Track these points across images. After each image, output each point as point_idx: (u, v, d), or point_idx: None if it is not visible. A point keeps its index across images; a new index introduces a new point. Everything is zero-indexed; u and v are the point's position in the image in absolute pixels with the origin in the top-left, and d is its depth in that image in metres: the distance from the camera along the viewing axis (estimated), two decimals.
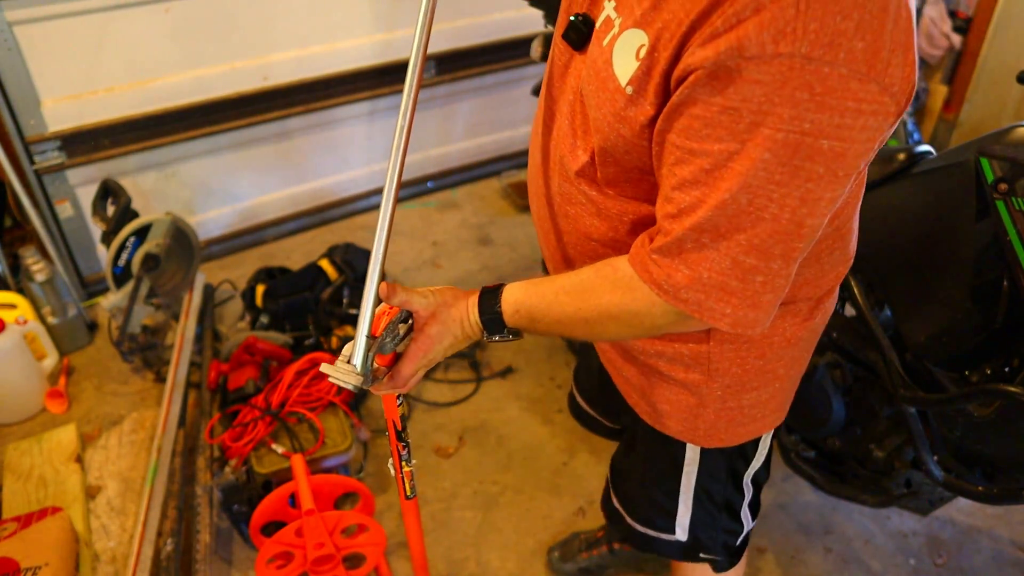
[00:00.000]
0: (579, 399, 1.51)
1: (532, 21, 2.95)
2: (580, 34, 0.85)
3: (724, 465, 1.12)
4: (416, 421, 2.19)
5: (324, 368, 0.83)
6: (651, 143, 0.74)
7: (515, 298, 0.88)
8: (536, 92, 2.22)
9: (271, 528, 1.66)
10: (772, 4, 0.61)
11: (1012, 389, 1.24)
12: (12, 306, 2.20)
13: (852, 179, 0.69)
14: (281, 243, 2.98)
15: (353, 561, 1.70)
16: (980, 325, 1.33)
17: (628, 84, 0.73)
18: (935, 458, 1.46)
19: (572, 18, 0.85)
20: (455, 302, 0.91)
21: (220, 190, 2.81)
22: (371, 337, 0.84)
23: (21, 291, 2.32)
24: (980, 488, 1.41)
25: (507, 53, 3.09)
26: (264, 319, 2.33)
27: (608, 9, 0.78)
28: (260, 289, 2.36)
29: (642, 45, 0.70)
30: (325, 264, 2.46)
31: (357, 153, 3.05)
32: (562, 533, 1.86)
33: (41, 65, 2.25)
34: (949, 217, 1.37)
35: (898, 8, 0.63)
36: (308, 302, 2.34)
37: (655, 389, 1.05)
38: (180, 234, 2.27)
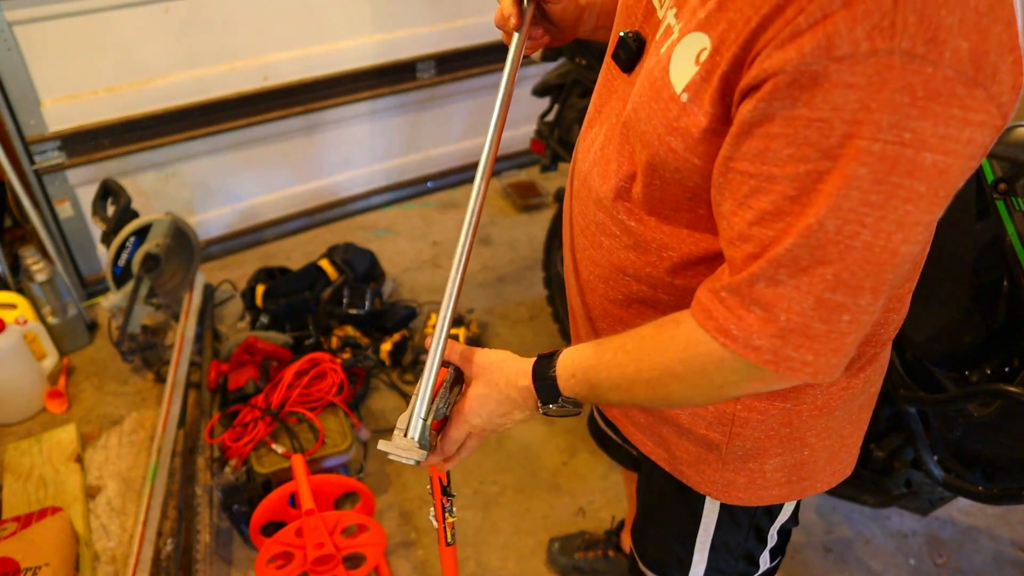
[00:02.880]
0: (599, 420, 1.38)
1: None
2: (629, 53, 0.77)
3: (747, 520, 1.02)
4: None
5: (382, 446, 0.78)
6: (702, 161, 0.67)
7: (571, 360, 0.79)
8: (536, 92, 2.22)
9: (271, 528, 1.66)
10: None
11: (1012, 389, 1.24)
12: (12, 306, 2.20)
13: (950, 200, 0.60)
14: (281, 243, 2.98)
15: (353, 561, 1.70)
16: (980, 325, 1.33)
17: (684, 91, 0.65)
18: (935, 458, 1.46)
19: (622, 34, 0.77)
20: (505, 364, 0.83)
21: (220, 190, 2.81)
22: (429, 403, 0.78)
23: (21, 291, 2.32)
24: (980, 488, 1.41)
25: (507, 53, 3.09)
26: (264, 319, 2.33)
27: (668, 18, 0.70)
28: (260, 289, 2.36)
29: (703, 49, 0.63)
30: (325, 264, 2.46)
31: (357, 153, 3.05)
32: (562, 533, 1.86)
33: (41, 65, 2.25)
34: (949, 217, 1.37)
35: (1004, 4, 0.55)
36: (308, 302, 2.34)
37: (671, 437, 0.95)
38: (180, 234, 2.27)
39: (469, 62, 3.04)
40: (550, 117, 2.20)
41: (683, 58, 0.65)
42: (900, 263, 0.61)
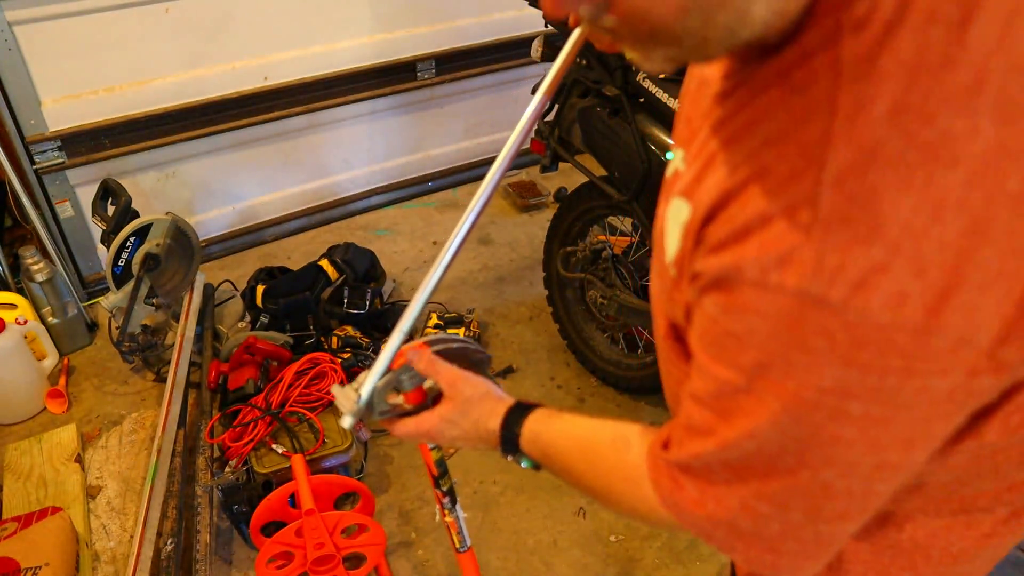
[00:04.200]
0: None
1: (532, 21, 2.96)
2: None
3: None
4: None
5: (333, 389, 0.82)
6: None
7: (537, 428, 0.78)
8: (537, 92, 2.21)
9: (271, 528, 1.66)
10: (781, 217, 0.46)
11: None
12: (12, 306, 2.20)
13: (932, 439, 0.50)
14: (281, 243, 2.98)
15: (353, 561, 1.70)
16: None
17: (672, 264, 0.60)
18: None
19: (668, 156, 0.72)
20: (482, 403, 0.82)
21: (220, 190, 2.81)
22: (387, 371, 0.80)
23: (21, 291, 2.32)
24: None
25: (507, 53, 3.09)
26: (264, 319, 2.33)
27: (677, 159, 0.63)
28: (260, 289, 2.36)
29: (685, 221, 0.57)
30: (325, 264, 2.46)
31: (357, 153, 3.05)
32: (562, 533, 1.86)
33: (41, 65, 2.25)
34: None
35: (1009, 207, 0.42)
36: (308, 302, 2.34)
37: None
38: (180, 234, 2.27)
39: (469, 62, 3.04)
40: (550, 117, 2.19)
41: (673, 223, 0.60)
42: (842, 494, 0.52)
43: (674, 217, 0.59)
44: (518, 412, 0.80)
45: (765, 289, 0.47)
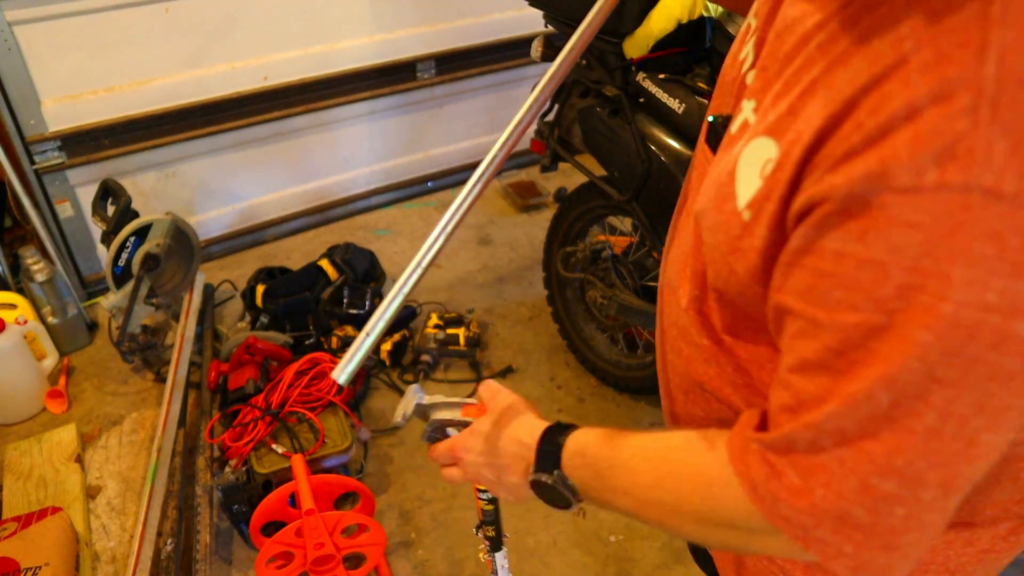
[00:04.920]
0: None
1: (532, 21, 2.96)
2: (720, 141, 0.67)
3: None
4: (416, 421, 2.18)
5: (410, 388, 0.89)
6: (767, 290, 0.55)
7: (584, 439, 0.69)
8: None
9: (271, 528, 1.66)
10: (934, 107, 0.41)
11: None
12: (12, 306, 2.20)
13: None
14: (281, 243, 2.98)
15: (353, 561, 1.70)
16: None
17: (747, 207, 0.54)
18: None
19: (711, 120, 0.67)
20: (521, 417, 0.76)
21: (220, 190, 2.81)
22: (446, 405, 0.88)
23: (21, 291, 2.32)
24: None
25: (507, 53, 3.09)
26: (264, 319, 2.33)
27: (746, 110, 0.59)
28: (260, 289, 2.36)
29: (769, 160, 0.52)
30: (325, 264, 2.46)
31: (357, 153, 3.05)
32: (562, 533, 1.86)
33: (41, 65, 2.25)
34: None
35: None
36: (308, 302, 2.34)
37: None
38: (180, 234, 2.27)
39: (469, 62, 3.04)
40: (550, 117, 2.19)
41: (749, 166, 0.55)
42: (983, 454, 0.47)
43: (749, 161, 0.55)
44: (560, 427, 0.72)
45: (919, 192, 0.41)
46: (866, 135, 0.43)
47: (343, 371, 0.66)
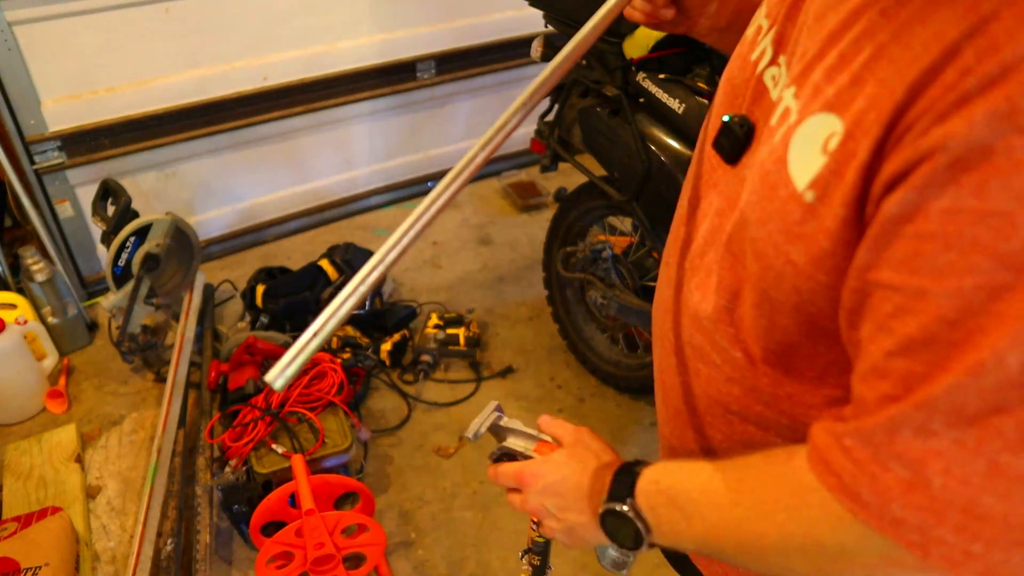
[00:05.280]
0: None
1: (532, 21, 2.95)
2: (734, 141, 0.63)
3: None
4: (416, 421, 2.19)
5: (492, 403, 0.89)
6: (830, 278, 0.51)
7: (659, 470, 0.65)
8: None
9: (271, 528, 1.66)
10: None
11: None
12: (12, 306, 2.20)
13: None
14: (281, 243, 2.98)
15: (353, 561, 1.70)
16: None
17: (810, 187, 0.50)
18: None
19: (726, 119, 0.64)
20: (602, 451, 0.74)
21: (220, 190, 2.81)
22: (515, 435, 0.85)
23: (21, 291, 2.32)
24: None
25: (507, 53, 3.09)
26: (264, 319, 2.33)
27: (786, 98, 0.56)
28: (260, 289, 2.36)
29: (832, 134, 0.49)
30: (325, 264, 2.46)
31: (357, 153, 3.05)
32: None
33: (41, 65, 2.25)
34: None
35: None
36: (308, 302, 2.34)
37: None
38: (180, 234, 2.27)
39: (469, 62, 3.04)
40: (550, 117, 2.19)
41: (806, 147, 0.51)
42: None
43: (805, 140, 0.52)
44: (637, 461, 0.68)
45: None
46: (983, 77, 0.40)
47: (280, 374, 0.55)
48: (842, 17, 0.52)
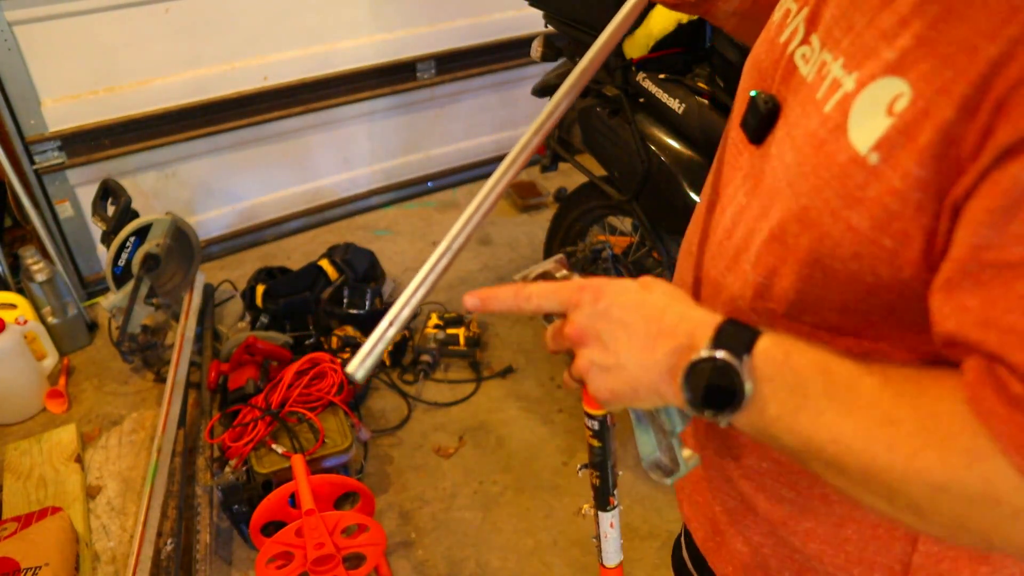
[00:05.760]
0: (685, 553, 0.97)
1: (532, 21, 2.96)
2: (759, 119, 0.62)
3: None
4: (416, 421, 2.19)
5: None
6: (896, 242, 0.49)
7: (788, 339, 0.53)
8: (536, 92, 2.22)
9: (271, 528, 1.66)
10: None
11: None
12: (12, 306, 2.20)
13: None
14: (281, 243, 2.98)
15: (353, 561, 1.70)
16: None
17: (873, 149, 0.49)
18: None
19: (753, 95, 0.63)
20: (689, 297, 0.60)
21: (220, 190, 2.81)
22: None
23: (21, 291, 2.32)
24: None
25: (507, 53, 3.09)
26: (264, 319, 2.33)
27: (833, 70, 0.55)
28: (260, 289, 2.36)
29: (898, 96, 0.48)
30: (325, 264, 2.46)
31: (357, 153, 3.05)
32: (562, 533, 1.86)
33: (41, 65, 2.25)
34: None
35: None
36: (308, 302, 2.34)
37: None
38: (180, 234, 2.27)
39: (469, 62, 3.04)
40: None
41: (868, 110, 0.50)
42: None
43: (867, 106, 0.50)
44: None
45: None
46: None
47: (361, 365, 0.55)
48: None
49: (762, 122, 0.62)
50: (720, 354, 0.51)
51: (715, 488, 0.75)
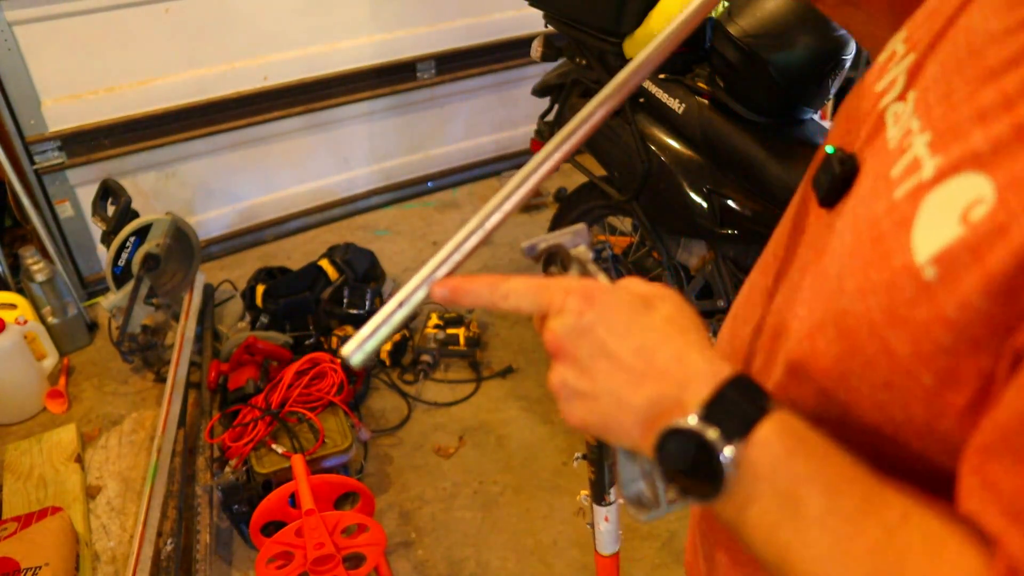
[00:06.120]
0: None
1: (532, 21, 2.95)
2: (832, 179, 0.51)
3: None
4: (416, 421, 2.19)
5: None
6: (937, 381, 0.39)
7: (801, 429, 0.43)
8: (536, 92, 2.22)
9: (271, 528, 1.66)
10: None
11: None
12: (12, 306, 2.20)
13: None
14: (281, 243, 2.98)
15: (353, 561, 1.70)
16: None
17: (932, 262, 0.39)
18: None
19: (829, 151, 0.52)
20: (703, 327, 0.50)
21: (220, 190, 2.81)
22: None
23: (21, 291, 2.32)
24: None
25: (507, 53, 3.09)
26: (264, 319, 2.33)
27: (916, 145, 0.44)
28: (260, 289, 2.36)
29: (977, 201, 0.38)
30: (325, 264, 2.46)
31: (357, 153, 3.05)
32: (562, 533, 1.86)
33: (41, 65, 2.25)
34: None
35: None
36: (308, 302, 2.34)
37: None
38: (180, 234, 2.27)
39: (469, 62, 3.04)
40: (550, 117, 2.19)
41: (941, 211, 0.40)
42: None
43: (939, 205, 0.41)
44: (766, 395, 0.45)
45: None
46: None
47: (360, 348, 0.48)
48: (1011, 52, 0.41)
49: (834, 185, 0.51)
50: (708, 432, 0.42)
51: (703, 542, 0.67)
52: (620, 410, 0.46)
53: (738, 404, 0.42)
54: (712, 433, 0.41)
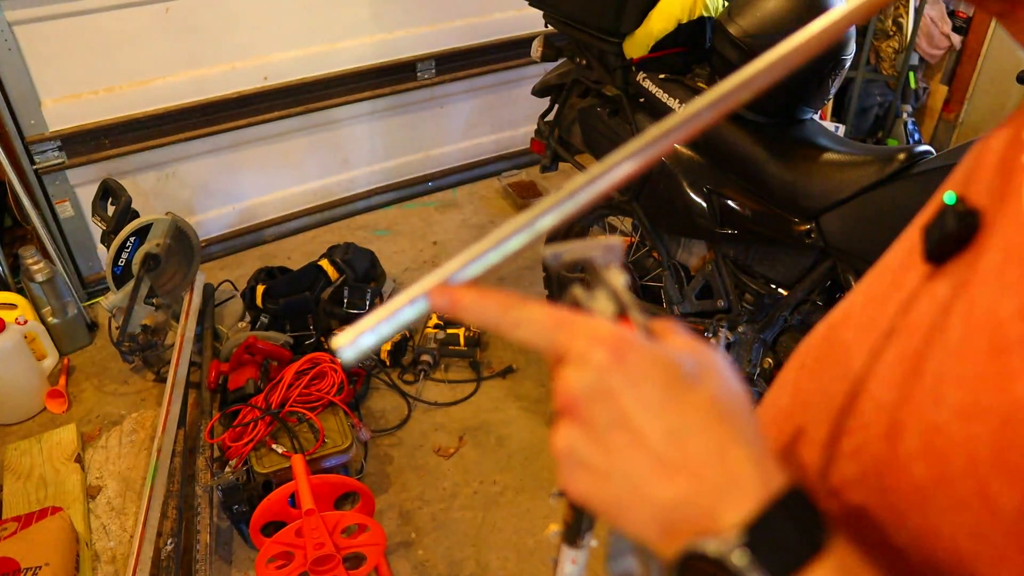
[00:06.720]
0: None
1: (532, 21, 2.95)
2: (944, 234, 0.40)
3: None
4: (416, 421, 2.19)
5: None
6: None
7: (858, 564, 0.34)
8: (536, 92, 2.22)
9: (271, 528, 1.66)
10: None
11: None
12: (12, 306, 2.20)
13: None
14: (281, 243, 2.98)
15: (353, 561, 1.70)
16: None
17: None
18: None
19: (948, 199, 0.41)
20: (748, 418, 0.37)
21: (220, 190, 2.81)
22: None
23: (21, 291, 2.32)
24: None
25: (507, 53, 3.09)
26: (264, 319, 2.33)
27: None
28: (260, 289, 2.36)
29: None
30: (325, 264, 2.46)
31: (357, 153, 3.05)
32: None
33: (41, 65, 2.25)
34: None
35: None
36: (308, 302, 2.34)
37: None
38: (180, 234, 2.27)
39: (469, 62, 3.04)
40: (550, 117, 2.19)
41: None
42: None
43: None
44: (812, 504, 0.35)
45: None
46: None
47: (353, 343, 0.40)
48: None
49: (947, 241, 0.40)
50: (745, 568, 0.32)
51: None
52: (636, 500, 0.36)
53: (787, 534, 0.33)
54: (738, 559, 0.32)
